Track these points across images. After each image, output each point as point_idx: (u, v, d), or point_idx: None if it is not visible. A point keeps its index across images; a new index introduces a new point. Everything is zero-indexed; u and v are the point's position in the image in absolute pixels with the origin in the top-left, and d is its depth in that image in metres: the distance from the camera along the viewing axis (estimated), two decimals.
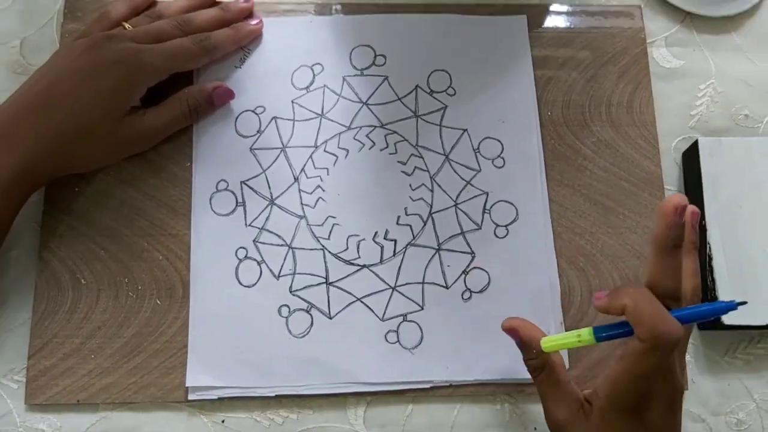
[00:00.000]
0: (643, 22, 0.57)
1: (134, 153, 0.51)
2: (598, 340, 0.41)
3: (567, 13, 0.57)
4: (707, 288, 0.49)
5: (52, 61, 0.50)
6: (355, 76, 0.54)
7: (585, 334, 0.41)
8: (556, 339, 0.43)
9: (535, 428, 0.48)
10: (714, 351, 0.51)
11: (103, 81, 0.47)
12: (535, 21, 0.56)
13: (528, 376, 0.45)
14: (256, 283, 0.49)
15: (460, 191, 0.52)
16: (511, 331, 0.45)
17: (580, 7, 0.57)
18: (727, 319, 0.48)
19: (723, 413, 0.50)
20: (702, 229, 0.50)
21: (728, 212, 0.50)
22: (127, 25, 0.52)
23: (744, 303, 0.39)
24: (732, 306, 0.38)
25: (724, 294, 0.48)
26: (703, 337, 0.51)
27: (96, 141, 0.48)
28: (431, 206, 0.52)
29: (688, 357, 0.50)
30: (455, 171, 0.52)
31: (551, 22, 0.57)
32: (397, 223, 0.51)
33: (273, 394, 0.47)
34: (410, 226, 0.51)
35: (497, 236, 0.51)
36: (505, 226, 0.51)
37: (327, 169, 0.52)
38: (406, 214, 0.51)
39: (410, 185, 0.52)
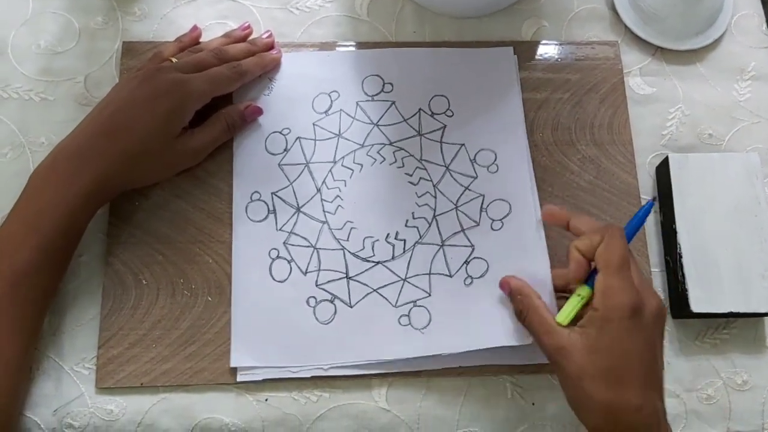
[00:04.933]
0: (620, 55, 0.65)
1: (186, 167, 0.57)
2: (591, 288, 0.49)
3: (556, 49, 0.65)
4: (678, 281, 0.57)
5: (112, 92, 0.56)
6: (366, 101, 0.62)
7: (583, 290, 0.49)
8: (566, 310, 0.49)
9: (533, 403, 0.55)
10: (686, 336, 0.58)
11: (159, 107, 0.54)
12: (528, 55, 0.65)
13: (527, 360, 0.54)
14: (287, 279, 0.56)
15: (460, 195, 0.59)
16: (504, 285, 0.54)
17: (566, 43, 0.66)
18: (696, 307, 0.55)
19: (695, 390, 0.57)
20: (673, 232, 0.58)
21: (694, 217, 0.58)
22: (174, 59, 0.58)
23: (655, 199, 0.56)
24: (650, 204, 0.52)
25: (692, 284, 0.56)
26: (677, 325, 0.58)
27: (155, 158, 0.55)
28: (435, 210, 0.59)
29: (665, 342, 0.56)
30: (455, 179, 0.60)
31: (542, 56, 0.65)
32: (406, 226, 0.58)
33: (309, 375, 0.54)
34: (417, 227, 0.58)
35: (493, 229, 0.58)
36: (500, 219, 0.58)
37: (345, 181, 0.59)
38: (414, 218, 0.59)
39: (416, 193, 0.59)
